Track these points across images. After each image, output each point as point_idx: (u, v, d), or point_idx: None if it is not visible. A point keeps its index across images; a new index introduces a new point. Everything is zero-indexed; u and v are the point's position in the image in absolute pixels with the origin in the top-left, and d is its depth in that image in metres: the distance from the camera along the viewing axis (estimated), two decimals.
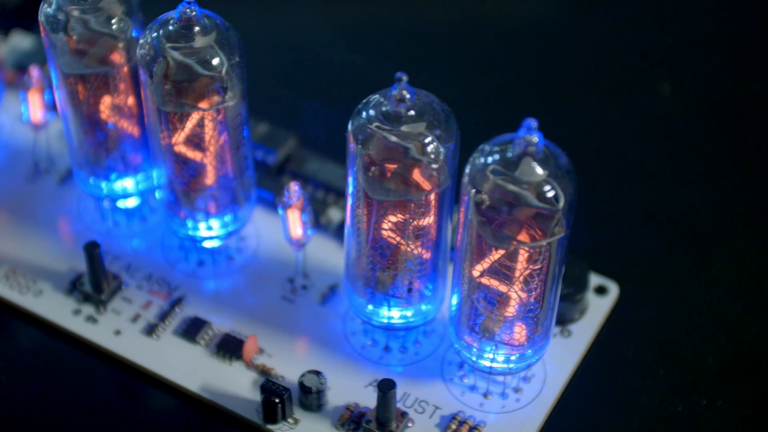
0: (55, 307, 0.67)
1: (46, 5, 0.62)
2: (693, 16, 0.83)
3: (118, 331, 0.66)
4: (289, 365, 0.64)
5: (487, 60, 0.80)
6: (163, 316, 0.66)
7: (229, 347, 0.65)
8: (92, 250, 0.65)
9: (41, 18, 0.63)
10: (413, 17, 0.83)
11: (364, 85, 0.77)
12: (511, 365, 0.61)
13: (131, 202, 0.69)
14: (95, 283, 0.66)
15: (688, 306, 0.68)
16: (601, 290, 0.67)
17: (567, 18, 0.83)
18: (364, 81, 0.78)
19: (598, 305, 0.67)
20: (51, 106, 0.70)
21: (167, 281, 0.68)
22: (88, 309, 0.66)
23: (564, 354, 0.65)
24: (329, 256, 0.68)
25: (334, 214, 0.70)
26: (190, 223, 0.66)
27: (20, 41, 0.78)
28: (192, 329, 0.65)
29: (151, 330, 0.66)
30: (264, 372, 0.64)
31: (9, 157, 0.73)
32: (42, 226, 0.70)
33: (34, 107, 0.69)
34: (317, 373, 0.63)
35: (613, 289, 0.67)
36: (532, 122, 0.54)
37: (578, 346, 0.65)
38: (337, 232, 0.69)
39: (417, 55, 0.81)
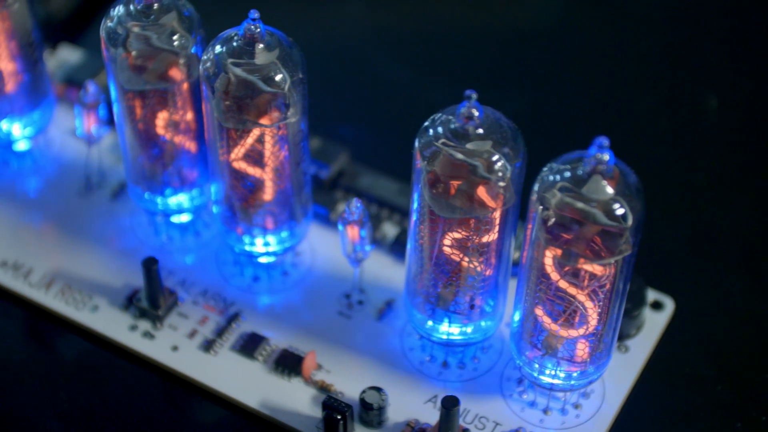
0: (112, 323, 0.66)
1: (108, 20, 0.62)
2: (740, 28, 0.83)
3: (175, 347, 0.66)
4: (348, 381, 0.64)
5: (535, 74, 0.80)
6: (220, 332, 0.66)
7: (288, 363, 0.65)
8: (150, 266, 0.65)
9: (102, 33, 0.63)
10: (460, 29, 0.83)
11: (415, 100, 0.78)
12: (573, 382, 0.61)
13: (185, 218, 0.69)
14: (152, 299, 0.66)
15: (743, 321, 0.68)
16: (657, 305, 0.67)
17: (610, 35, 0.83)
18: (414, 95, 0.78)
19: (655, 321, 0.67)
20: (105, 121, 0.70)
21: (223, 297, 0.68)
22: (144, 325, 0.66)
23: (622, 370, 0.65)
24: (384, 271, 0.68)
25: (388, 229, 0.70)
26: (247, 239, 0.66)
27: (68, 55, 0.78)
28: (249, 345, 0.65)
29: (208, 346, 0.65)
30: (323, 388, 0.64)
31: (60, 172, 0.73)
32: (95, 241, 0.70)
33: (88, 122, 0.69)
34: (378, 389, 0.62)
35: (669, 305, 0.67)
36: (604, 140, 0.54)
37: (636, 361, 0.65)
38: (392, 247, 0.69)
39: (464, 67, 0.81)
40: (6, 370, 0.66)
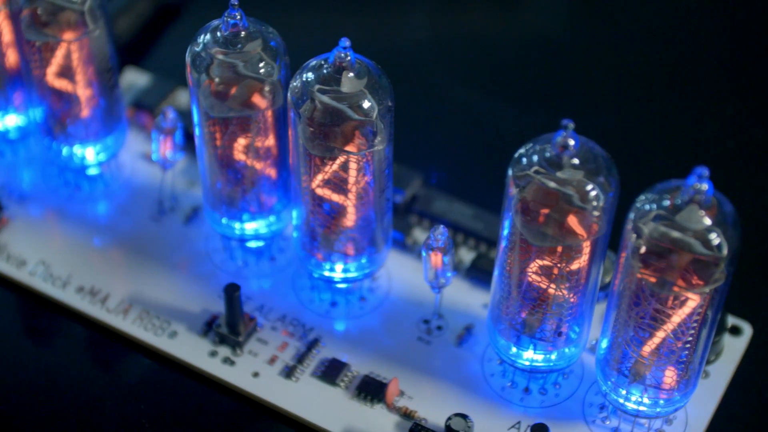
0: (191, 349, 0.66)
1: (194, 46, 0.62)
2: None
3: (256, 373, 0.66)
4: (431, 407, 0.64)
5: (606, 98, 0.81)
6: (301, 358, 0.66)
7: (370, 389, 0.65)
8: (232, 293, 0.65)
9: (188, 59, 0.63)
10: (527, 51, 0.83)
11: (483, 123, 0.78)
12: (659, 409, 0.62)
13: (260, 243, 0.69)
14: (232, 325, 0.66)
15: None
16: (735, 330, 0.67)
17: (688, 56, 0.84)
18: (483, 118, 0.78)
19: (734, 346, 0.67)
20: (181, 146, 0.70)
21: (301, 322, 0.68)
22: (224, 351, 0.66)
23: (704, 395, 0.65)
24: (461, 297, 0.68)
25: (464, 254, 0.70)
26: (327, 265, 0.66)
27: (135, 78, 0.78)
28: (331, 371, 0.65)
29: (289, 372, 0.65)
30: (407, 415, 0.64)
31: (132, 196, 0.73)
32: (170, 266, 0.70)
33: (165, 147, 0.69)
34: (464, 416, 0.62)
35: (747, 330, 0.68)
36: (704, 171, 0.54)
37: (717, 387, 0.65)
38: (468, 272, 0.69)
39: (527, 88, 0.81)
40: (86, 397, 0.66)
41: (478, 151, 0.77)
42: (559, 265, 0.59)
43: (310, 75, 0.60)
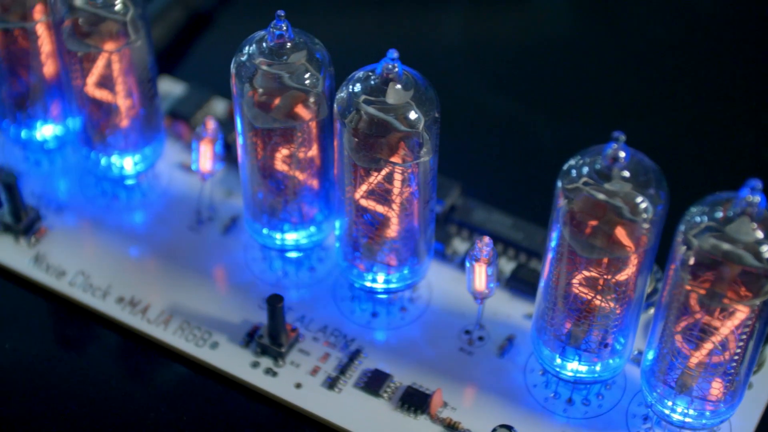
0: (233, 360, 0.66)
1: (239, 56, 0.62)
2: None
3: (298, 384, 0.65)
4: (474, 418, 0.64)
5: (638, 107, 0.81)
6: (343, 369, 0.66)
7: (413, 400, 0.65)
8: (276, 304, 0.65)
9: (233, 68, 0.63)
10: (561, 59, 0.83)
11: (519, 131, 0.78)
12: (704, 421, 0.61)
13: (299, 253, 0.69)
14: (274, 336, 0.66)
15: None
16: None
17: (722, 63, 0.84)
18: (519, 126, 0.78)
19: None
20: (221, 157, 0.70)
21: (343, 333, 0.67)
22: (266, 362, 0.66)
23: (748, 406, 0.65)
24: (502, 307, 0.68)
25: (503, 264, 0.70)
26: (369, 275, 0.66)
27: (170, 87, 0.78)
28: (374, 382, 0.65)
29: (332, 383, 0.65)
30: (451, 426, 0.64)
31: (169, 206, 0.73)
32: (209, 276, 0.70)
33: (205, 158, 0.69)
34: (509, 427, 0.62)
35: None
36: (757, 183, 0.54)
37: (761, 397, 0.65)
38: (508, 282, 0.69)
39: (560, 95, 0.81)
40: (127, 408, 0.65)
41: (516, 160, 0.77)
42: (605, 276, 0.59)
43: (357, 86, 0.60)
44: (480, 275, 0.64)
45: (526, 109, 0.79)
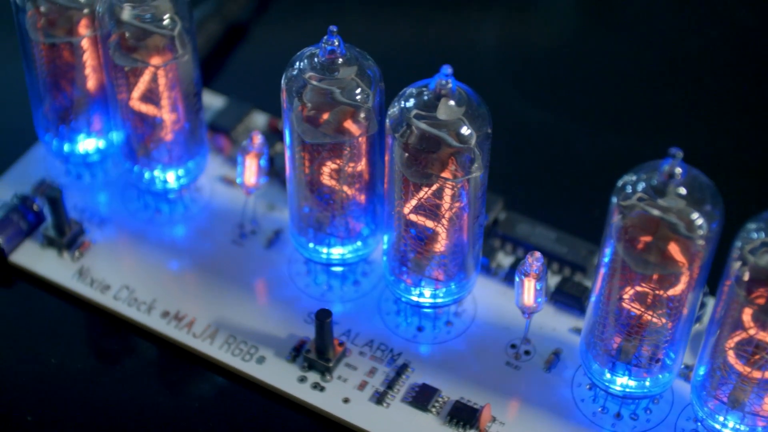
0: (280, 375, 0.66)
1: (290, 70, 0.62)
2: None
3: (346, 399, 0.65)
4: None
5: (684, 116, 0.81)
6: (390, 384, 0.66)
7: (462, 415, 0.65)
8: (324, 319, 0.65)
9: (283, 83, 0.63)
10: (598, 71, 0.83)
11: (558, 143, 0.78)
12: None
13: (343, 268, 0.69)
14: (322, 351, 0.66)
15: None
16: None
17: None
18: (557, 138, 0.78)
19: None
20: (266, 171, 0.70)
21: (389, 347, 0.67)
22: (313, 376, 0.66)
23: None
24: (547, 321, 0.68)
25: (548, 278, 0.70)
26: (416, 290, 0.66)
27: (210, 100, 0.78)
28: (422, 397, 0.65)
29: (380, 398, 0.65)
30: None
31: (211, 219, 0.73)
32: (253, 290, 0.70)
33: (250, 172, 0.69)
34: None
35: None
36: None
37: None
38: (552, 296, 0.69)
39: (603, 107, 0.81)
40: (175, 423, 0.65)
41: (558, 173, 0.77)
42: (658, 292, 0.59)
43: (410, 101, 0.60)
44: (529, 290, 0.64)
45: (567, 121, 0.79)
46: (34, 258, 0.71)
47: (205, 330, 0.68)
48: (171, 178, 0.71)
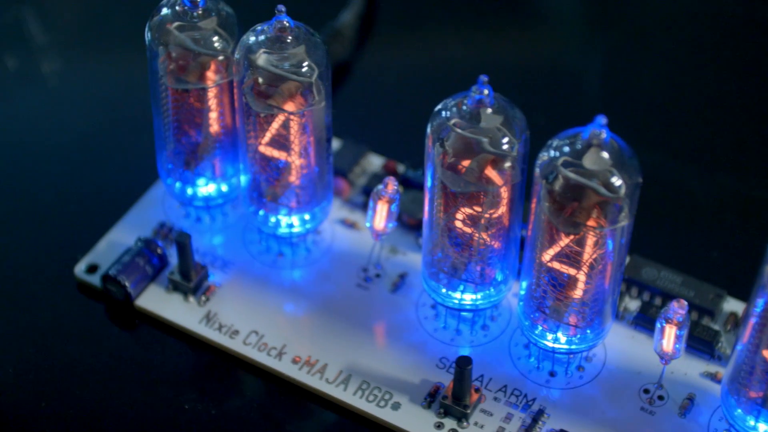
0: (416, 421, 0.66)
1: (436, 117, 0.63)
2: None
3: None
4: None
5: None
6: (528, 430, 0.66)
7: None
8: (465, 366, 0.65)
9: (429, 129, 0.63)
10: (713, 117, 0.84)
11: (674, 186, 0.78)
12: None
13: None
14: (459, 397, 0.66)
15: None
16: None
17: None
18: (673, 181, 0.79)
19: None
20: (396, 216, 0.70)
21: (523, 392, 0.67)
22: (449, 422, 0.66)
23: None
24: (679, 366, 0.68)
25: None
26: (551, 335, 0.66)
27: (335, 145, 0.78)
28: None
29: None
30: None
31: (334, 263, 0.73)
32: (382, 334, 0.70)
33: (380, 217, 0.69)
34: None
35: None
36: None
37: None
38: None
39: (713, 147, 0.81)
40: None
41: (678, 216, 0.77)
42: None
43: (564, 149, 0.60)
44: (670, 337, 0.65)
45: (679, 161, 0.80)
46: (160, 302, 0.71)
47: (337, 376, 0.68)
48: (297, 222, 0.71)
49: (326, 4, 0.86)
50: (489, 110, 0.62)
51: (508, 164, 0.63)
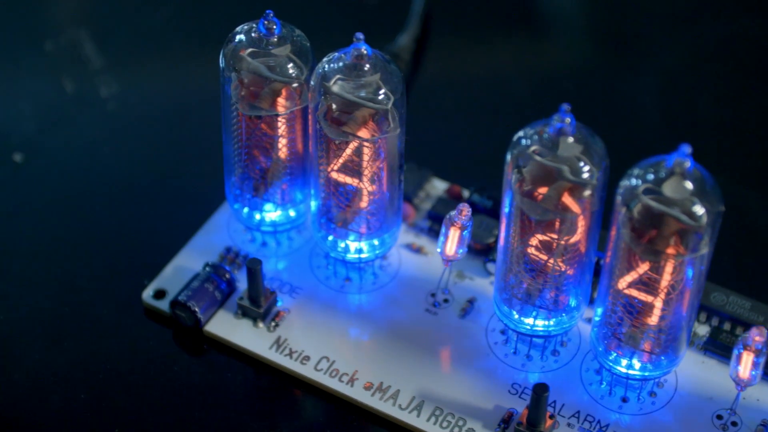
0: None
1: (516, 145, 0.63)
2: None
3: None
4: None
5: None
6: None
7: None
8: (542, 393, 0.65)
9: (508, 156, 0.63)
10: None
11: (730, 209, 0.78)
12: None
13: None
14: (533, 423, 0.66)
15: None
16: None
17: None
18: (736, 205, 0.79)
19: None
20: (468, 242, 0.70)
21: (596, 419, 0.67)
22: None
23: None
24: (752, 391, 0.68)
25: None
26: (625, 362, 0.66)
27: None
28: None
29: None
30: None
31: (401, 288, 0.73)
32: (453, 360, 0.70)
33: (452, 243, 0.69)
34: None
35: None
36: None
37: None
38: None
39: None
40: None
41: (742, 240, 0.77)
42: None
43: (647, 177, 0.61)
44: (747, 364, 0.65)
45: (744, 188, 0.80)
46: (229, 328, 0.71)
47: (410, 402, 0.68)
48: (366, 247, 0.71)
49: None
50: (570, 139, 0.62)
51: (587, 192, 0.63)
